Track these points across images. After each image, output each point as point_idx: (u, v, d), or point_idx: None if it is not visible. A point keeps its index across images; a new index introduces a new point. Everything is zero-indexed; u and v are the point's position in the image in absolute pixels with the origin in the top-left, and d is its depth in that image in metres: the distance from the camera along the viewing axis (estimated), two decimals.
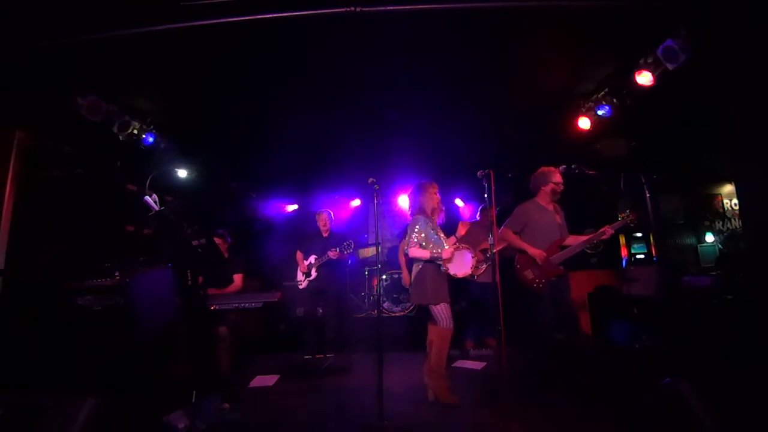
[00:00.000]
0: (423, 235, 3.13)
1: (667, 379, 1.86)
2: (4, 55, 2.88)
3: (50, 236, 3.58)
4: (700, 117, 3.98)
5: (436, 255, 3.08)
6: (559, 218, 3.47)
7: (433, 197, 3.24)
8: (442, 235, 3.24)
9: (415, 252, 3.11)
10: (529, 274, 3.33)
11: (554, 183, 3.39)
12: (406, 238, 3.20)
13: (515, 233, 3.44)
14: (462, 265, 3.23)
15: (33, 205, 3.48)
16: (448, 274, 3.15)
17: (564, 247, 3.34)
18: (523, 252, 3.36)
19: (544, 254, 3.27)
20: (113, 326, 2.92)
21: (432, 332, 3.11)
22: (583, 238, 3.34)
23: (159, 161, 4.85)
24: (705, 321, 3.59)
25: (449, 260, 3.11)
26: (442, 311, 3.03)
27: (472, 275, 3.97)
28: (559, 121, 4.50)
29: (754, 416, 1.75)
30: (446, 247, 3.11)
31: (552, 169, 3.44)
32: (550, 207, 3.48)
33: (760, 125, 2.56)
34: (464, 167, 5.84)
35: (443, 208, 3.38)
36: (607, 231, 3.24)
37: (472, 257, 3.30)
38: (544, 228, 3.38)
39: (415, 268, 3.19)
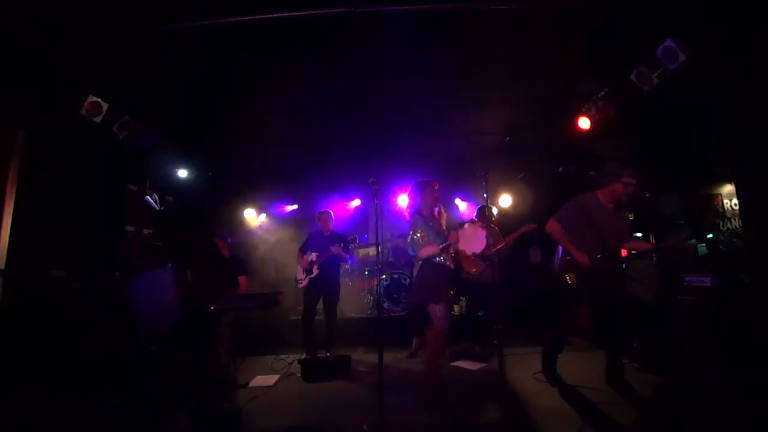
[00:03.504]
0: (424, 234, 3.12)
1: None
2: (4, 54, 2.88)
3: (50, 236, 3.58)
4: (700, 117, 3.98)
5: (444, 244, 3.07)
6: (620, 223, 3.12)
7: (432, 195, 3.22)
8: (443, 225, 3.23)
9: (426, 251, 3.06)
10: (572, 278, 3.06)
11: (625, 183, 3.03)
12: (409, 240, 3.19)
13: (564, 229, 3.11)
14: (475, 241, 3.18)
15: (33, 205, 3.48)
16: (452, 273, 3.11)
17: (619, 255, 3.07)
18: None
19: (588, 261, 2.96)
20: (113, 326, 2.92)
21: (428, 332, 3.10)
22: (647, 245, 3.16)
23: (159, 161, 4.85)
24: (705, 321, 3.58)
25: (457, 241, 3.11)
26: (439, 311, 3.02)
27: (471, 274, 3.96)
28: (559, 121, 4.50)
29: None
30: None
31: (622, 167, 3.11)
32: (611, 206, 3.13)
33: (760, 125, 2.57)
34: (464, 167, 5.87)
35: (440, 205, 3.31)
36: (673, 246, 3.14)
37: (483, 229, 3.17)
38: (600, 227, 3.03)
39: (416, 267, 3.19)
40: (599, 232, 3.00)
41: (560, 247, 3.17)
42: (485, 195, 2.89)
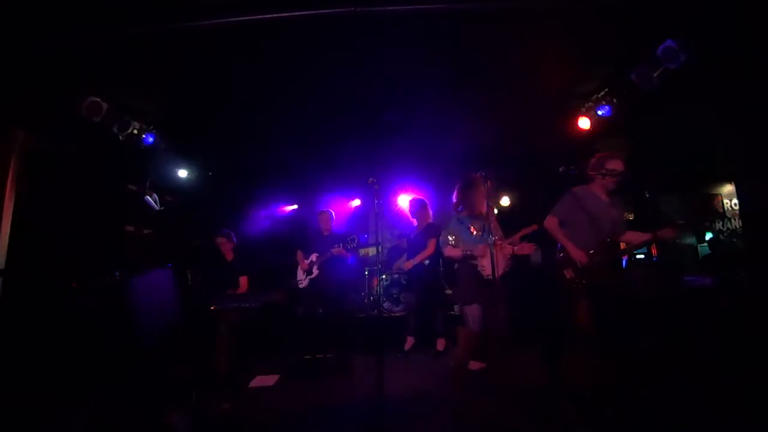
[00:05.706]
0: (454, 235, 3.05)
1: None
2: (4, 55, 2.88)
3: (50, 236, 3.58)
4: (700, 117, 3.99)
5: (468, 253, 3.00)
6: (615, 212, 3.03)
7: (481, 193, 3.09)
8: (473, 230, 3.08)
9: (449, 251, 3.06)
10: (568, 273, 2.99)
11: (613, 174, 2.94)
12: (441, 238, 3.13)
13: (560, 222, 3.05)
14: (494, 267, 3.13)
15: (33, 205, 3.48)
16: (486, 279, 2.98)
17: (617, 246, 2.98)
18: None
19: (585, 258, 2.89)
20: (113, 326, 2.92)
21: (459, 333, 3.03)
22: (645, 236, 2.94)
23: (159, 161, 4.86)
24: (705, 320, 3.59)
25: (483, 257, 2.97)
26: (472, 312, 2.91)
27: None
28: (559, 121, 4.50)
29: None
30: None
31: (612, 154, 3.02)
32: (606, 198, 3.05)
33: (760, 125, 2.57)
34: (464, 167, 5.86)
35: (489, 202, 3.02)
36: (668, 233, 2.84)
37: (507, 251, 3.11)
38: (595, 217, 2.95)
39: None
40: (594, 222, 2.94)
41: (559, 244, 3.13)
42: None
